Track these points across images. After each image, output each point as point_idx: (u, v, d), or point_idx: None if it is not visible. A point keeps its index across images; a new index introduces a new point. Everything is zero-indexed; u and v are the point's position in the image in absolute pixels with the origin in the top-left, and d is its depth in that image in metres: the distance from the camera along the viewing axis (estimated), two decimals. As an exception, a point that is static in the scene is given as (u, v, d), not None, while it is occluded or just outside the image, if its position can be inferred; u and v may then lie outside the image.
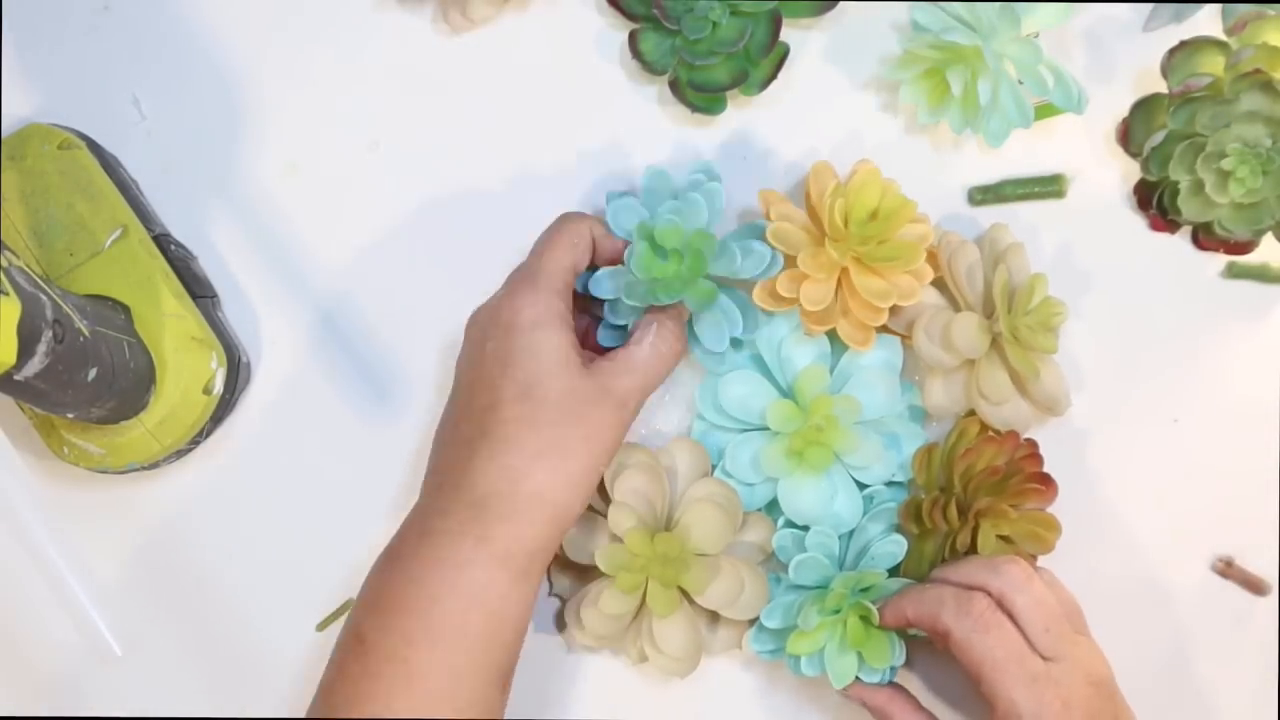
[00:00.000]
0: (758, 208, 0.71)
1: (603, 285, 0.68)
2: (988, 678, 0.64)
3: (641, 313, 0.68)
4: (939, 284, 0.70)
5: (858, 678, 0.68)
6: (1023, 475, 0.68)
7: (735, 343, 0.70)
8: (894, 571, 0.70)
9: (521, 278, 0.66)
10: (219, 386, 0.72)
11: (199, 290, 0.73)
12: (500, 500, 0.62)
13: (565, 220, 0.68)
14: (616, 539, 0.68)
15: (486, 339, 0.65)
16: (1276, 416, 0.74)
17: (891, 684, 0.69)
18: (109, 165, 0.74)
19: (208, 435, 0.73)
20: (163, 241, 0.73)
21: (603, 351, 0.68)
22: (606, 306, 0.69)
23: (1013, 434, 0.69)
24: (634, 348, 0.66)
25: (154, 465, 0.73)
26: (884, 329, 0.69)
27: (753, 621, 0.70)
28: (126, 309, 0.71)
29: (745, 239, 0.68)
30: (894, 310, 0.68)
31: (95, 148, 0.74)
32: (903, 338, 0.71)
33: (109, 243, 0.71)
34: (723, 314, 0.68)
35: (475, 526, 0.62)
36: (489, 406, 0.64)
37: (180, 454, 0.73)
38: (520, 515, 0.62)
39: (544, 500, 0.63)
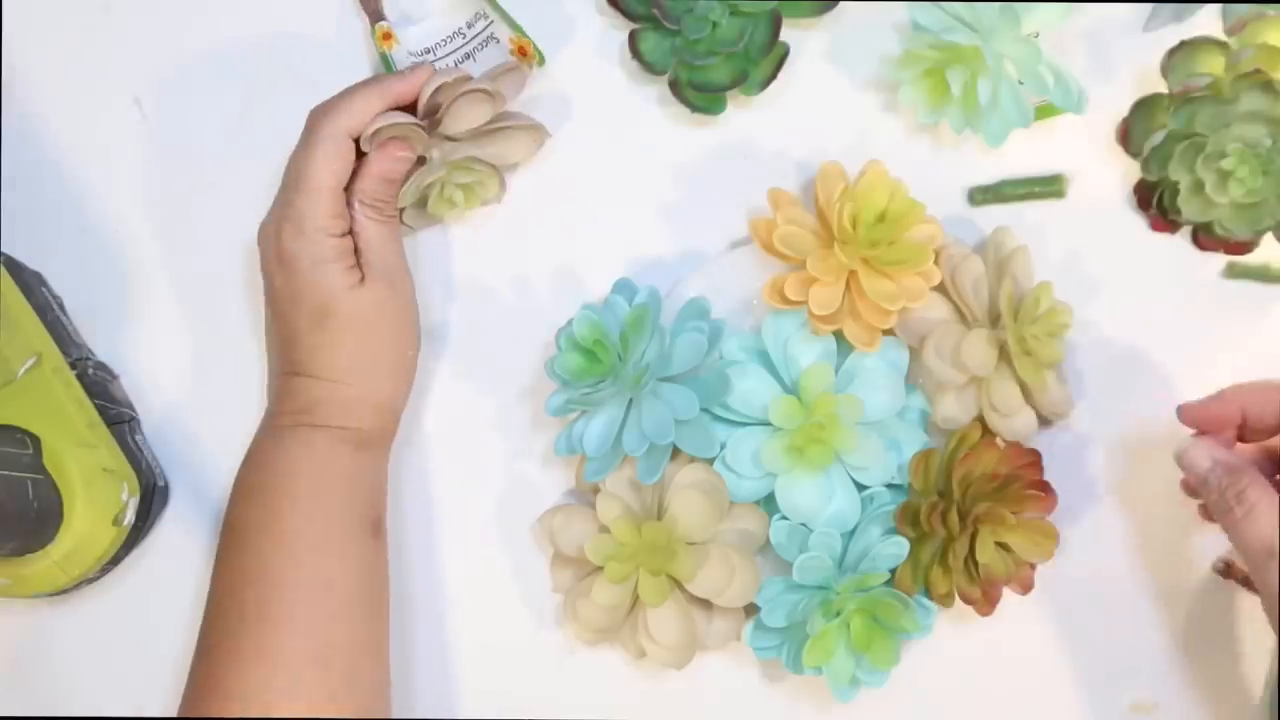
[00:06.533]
0: (760, 208, 0.71)
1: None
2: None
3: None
4: (942, 290, 0.70)
5: None
6: (1023, 482, 0.68)
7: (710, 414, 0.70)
8: (895, 573, 0.70)
9: (288, 220, 0.68)
10: (129, 517, 0.71)
11: (115, 415, 0.73)
12: (324, 405, 0.69)
13: (316, 128, 0.68)
14: (605, 529, 0.68)
15: (274, 273, 0.69)
16: (1276, 416, 0.74)
17: None
18: (28, 287, 0.73)
19: (119, 562, 0.73)
20: (80, 366, 0.72)
21: None
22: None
23: (1016, 444, 0.69)
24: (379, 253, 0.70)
25: (62, 593, 0.72)
26: (889, 332, 0.69)
27: (749, 614, 0.70)
28: (36, 439, 0.70)
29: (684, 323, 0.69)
30: (903, 314, 0.68)
31: (15, 267, 0.73)
32: (912, 349, 0.71)
33: (22, 372, 0.70)
34: (665, 404, 0.68)
35: (308, 419, 0.69)
36: (290, 338, 0.69)
37: (89, 582, 0.73)
38: (346, 412, 0.69)
39: (363, 400, 0.69)
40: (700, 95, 0.72)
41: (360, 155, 0.69)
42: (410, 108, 0.69)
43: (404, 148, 0.68)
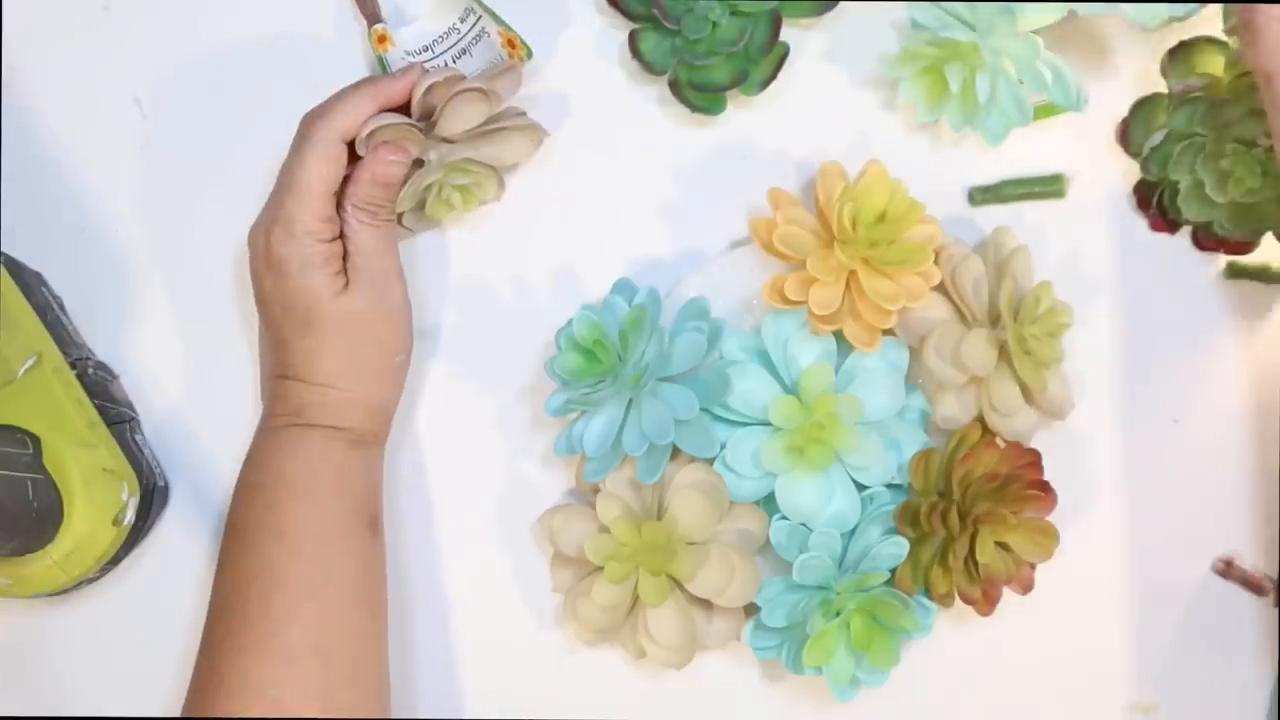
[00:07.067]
0: (760, 208, 0.71)
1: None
2: None
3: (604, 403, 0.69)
4: (942, 290, 0.70)
5: None
6: (1022, 482, 0.68)
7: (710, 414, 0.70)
8: (895, 573, 0.70)
9: (278, 222, 0.68)
10: (129, 517, 0.71)
11: (115, 415, 0.73)
12: (315, 407, 0.69)
13: (308, 132, 0.68)
14: (605, 529, 0.69)
15: (263, 276, 0.69)
16: (1276, 417, 0.74)
17: None
18: (28, 287, 0.73)
19: (119, 562, 0.73)
20: (80, 366, 0.72)
21: None
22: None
23: (1016, 444, 0.69)
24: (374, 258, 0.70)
25: (62, 593, 0.72)
26: (889, 332, 0.69)
27: (749, 614, 0.70)
28: (36, 439, 0.70)
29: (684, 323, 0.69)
30: (903, 314, 0.68)
31: (15, 267, 0.73)
32: (912, 349, 0.70)
33: (22, 372, 0.70)
34: (665, 404, 0.68)
35: (300, 419, 0.69)
36: (281, 341, 0.70)
37: (89, 582, 0.73)
38: (337, 414, 0.70)
39: (353, 403, 0.70)
40: (700, 95, 0.72)
41: (355, 159, 0.69)
42: (405, 109, 0.69)
43: (398, 151, 0.68)
